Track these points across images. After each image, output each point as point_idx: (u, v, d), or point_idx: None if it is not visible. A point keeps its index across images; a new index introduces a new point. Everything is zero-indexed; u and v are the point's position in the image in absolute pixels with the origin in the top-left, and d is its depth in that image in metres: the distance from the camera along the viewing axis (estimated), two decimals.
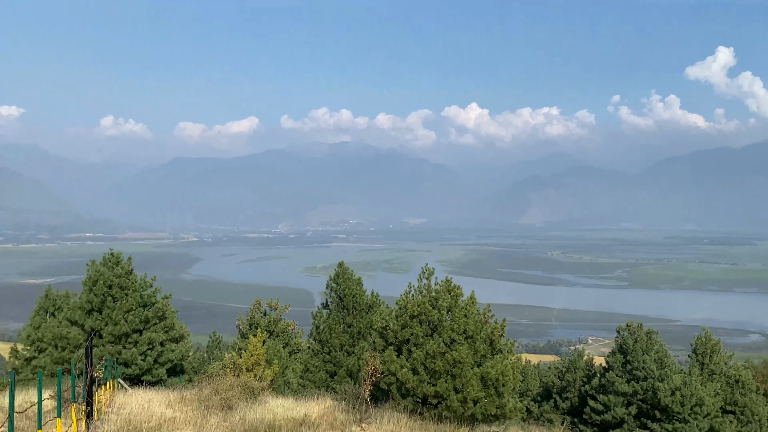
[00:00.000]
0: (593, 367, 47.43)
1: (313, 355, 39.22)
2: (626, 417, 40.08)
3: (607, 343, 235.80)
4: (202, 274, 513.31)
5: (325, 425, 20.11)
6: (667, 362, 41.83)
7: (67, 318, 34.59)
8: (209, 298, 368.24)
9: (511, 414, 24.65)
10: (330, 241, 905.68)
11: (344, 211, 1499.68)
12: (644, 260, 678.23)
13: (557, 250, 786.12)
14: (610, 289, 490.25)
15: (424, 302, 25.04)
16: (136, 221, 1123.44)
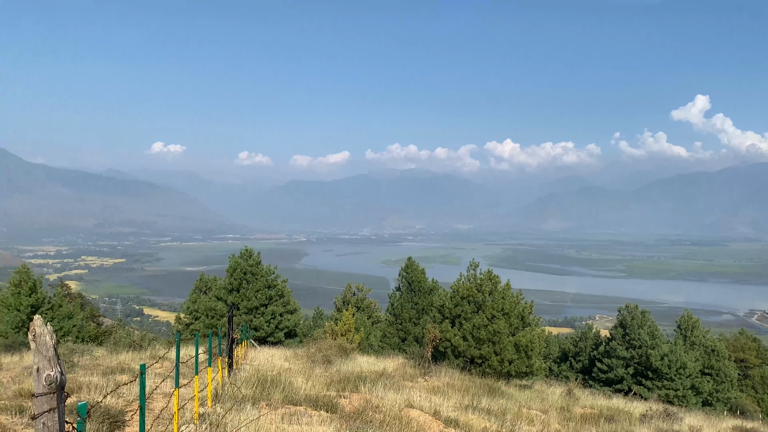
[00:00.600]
0: (600, 338, 46.13)
1: (389, 325, 39.21)
2: (625, 376, 38.84)
3: (610, 319, 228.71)
4: (309, 264, 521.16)
5: (399, 376, 20.06)
6: (657, 335, 40.39)
7: (215, 295, 35.50)
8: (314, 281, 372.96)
9: (537, 372, 24.24)
10: (400, 241, 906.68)
11: (411, 219, 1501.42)
12: (638, 257, 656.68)
13: (571, 249, 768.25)
14: (612, 279, 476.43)
15: (472, 287, 24.82)
16: (263, 226, 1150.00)
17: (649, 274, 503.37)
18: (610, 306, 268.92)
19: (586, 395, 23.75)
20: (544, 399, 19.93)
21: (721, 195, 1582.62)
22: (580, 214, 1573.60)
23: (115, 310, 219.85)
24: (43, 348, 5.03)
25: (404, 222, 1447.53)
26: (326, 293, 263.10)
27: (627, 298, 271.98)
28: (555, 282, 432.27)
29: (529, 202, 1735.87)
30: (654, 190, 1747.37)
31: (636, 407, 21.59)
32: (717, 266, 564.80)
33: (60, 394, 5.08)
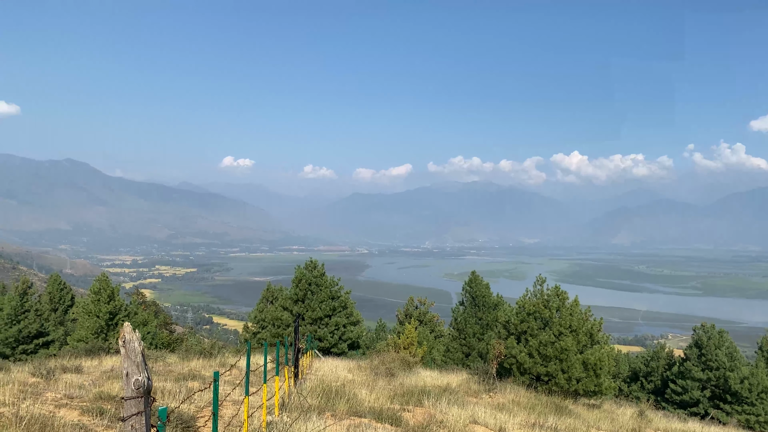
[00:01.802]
0: (673, 358, 44.15)
1: (452, 339, 38.88)
2: (701, 398, 36.96)
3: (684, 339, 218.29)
4: (371, 276, 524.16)
5: (463, 392, 19.84)
6: (736, 356, 38.26)
7: (281, 305, 36.23)
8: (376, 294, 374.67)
9: (606, 391, 23.44)
10: (463, 255, 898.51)
11: (475, 232, 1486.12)
12: (714, 274, 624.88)
13: (642, 265, 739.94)
14: (685, 296, 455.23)
15: (539, 303, 24.34)
16: (326, 238, 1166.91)
17: (726, 292, 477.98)
18: (684, 325, 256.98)
19: (659, 417, 22.76)
20: (613, 419, 19.24)
21: None
22: (651, 229, 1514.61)
23: (186, 318, 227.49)
24: (132, 354, 5.33)
25: (467, 235, 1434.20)
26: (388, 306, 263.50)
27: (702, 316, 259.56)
28: (625, 299, 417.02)
29: (597, 216, 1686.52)
30: (731, 204, 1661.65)
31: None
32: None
33: (147, 399, 5.36)
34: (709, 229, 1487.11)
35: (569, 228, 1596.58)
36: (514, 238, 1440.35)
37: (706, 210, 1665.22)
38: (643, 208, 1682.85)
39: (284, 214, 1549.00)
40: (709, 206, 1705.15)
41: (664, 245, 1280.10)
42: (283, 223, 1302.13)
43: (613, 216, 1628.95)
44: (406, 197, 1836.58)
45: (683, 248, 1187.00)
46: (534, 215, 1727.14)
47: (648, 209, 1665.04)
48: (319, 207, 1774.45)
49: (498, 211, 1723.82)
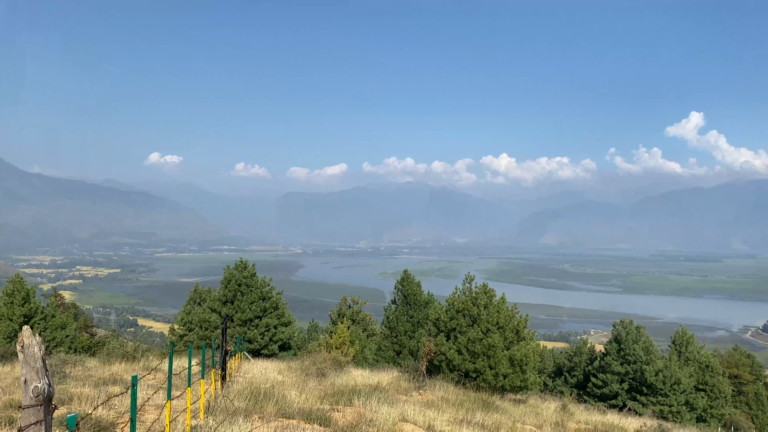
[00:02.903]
0: (594, 353, 46.02)
1: (384, 338, 39.07)
2: (620, 391, 38.69)
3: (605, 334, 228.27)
4: (305, 276, 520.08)
5: (393, 390, 19.95)
6: (652, 350, 40.31)
7: (209, 307, 35.34)
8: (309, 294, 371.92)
9: (531, 386, 24.13)
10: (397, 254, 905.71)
11: (408, 232, 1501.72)
12: (634, 272, 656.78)
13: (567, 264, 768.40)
14: (607, 294, 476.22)
15: (467, 300, 24.77)
16: (259, 237, 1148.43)
17: (644, 290, 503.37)
18: (606, 321, 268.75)
19: (580, 410, 23.64)
20: (538, 414, 19.83)
21: (717, 211, 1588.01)
22: (575, 229, 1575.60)
23: (109, 320, 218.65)
24: (31, 359, 4.99)
25: (402, 235, 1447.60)
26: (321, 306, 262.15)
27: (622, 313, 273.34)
28: (551, 296, 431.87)
29: (525, 217, 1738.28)
30: (649, 206, 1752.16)
31: (630, 423, 21.49)
32: (712, 282, 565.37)
33: (48, 407, 5.03)
34: (630, 229, 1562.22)
35: (499, 228, 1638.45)
36: (446, 237, 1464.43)
37: (626, 211, 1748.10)
38: (568, 209, 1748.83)
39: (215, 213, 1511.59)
40: (629, 208, 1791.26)
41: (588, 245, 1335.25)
42: (214, 223, 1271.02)
43: (540, 217, 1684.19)
44: (342, 197, 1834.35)
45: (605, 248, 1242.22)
46: (465, 216, 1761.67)
47: (573, 210, 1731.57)
48: (251, 206, 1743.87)
49: (431, 212, 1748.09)
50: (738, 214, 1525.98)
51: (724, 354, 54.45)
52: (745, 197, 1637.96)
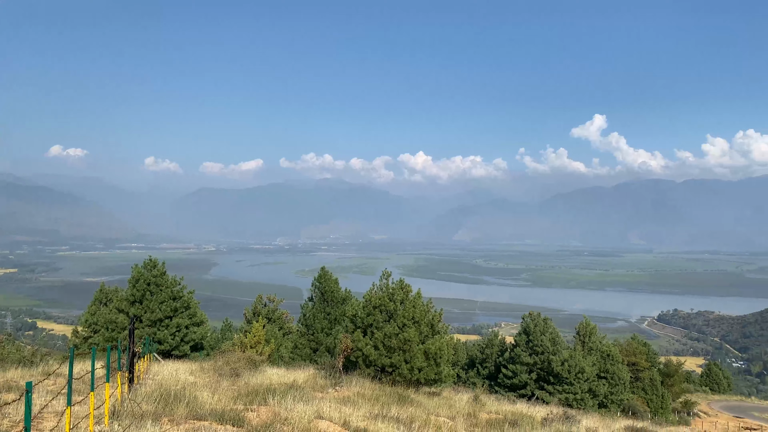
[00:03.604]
0: (505, 344, 47.68)
1: (300, 336, 38.76)
2: (529, 381, 40.29)
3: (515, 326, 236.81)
4: (219, 275, 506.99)
5: (309, 387, 19.83)
6: (558, 341, 42.24)
7: (116, 307, 33.77)
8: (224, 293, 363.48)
9: (445, 379, 24.67)
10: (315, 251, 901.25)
11: (327, 229, 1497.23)
12: (542, 267, 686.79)
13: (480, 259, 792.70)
14: (518, 287, 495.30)
15: (384, 296, 24.99)
16: (170, 235, 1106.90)
17: (551, 283, 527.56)
18: (516, 313, 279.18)
19: (491, 401, 24.44)
20: (451, 406, 20.33)
21: (617, 209, 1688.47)
22: (488, 226, 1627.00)
23: (5, 323, 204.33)
24: None
25: (320, 232, 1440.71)
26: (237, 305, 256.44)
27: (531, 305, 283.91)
28: (465, 290, 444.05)
29: (441, 214, 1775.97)
30: (556, 204, 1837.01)
31: (538, 411, 22.45)
32: (613, 276, 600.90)
33: None
34: (538, 226, 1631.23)
35: (416, 225, 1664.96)
36: (364, 234, 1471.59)
37: (535, 209, 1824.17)
38: (481, 206, 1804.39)
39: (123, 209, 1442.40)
40: (537, 205, 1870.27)
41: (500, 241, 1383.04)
42: (122, 220, 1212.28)
43: (454, 214, 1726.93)
44: (258, 193, 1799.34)
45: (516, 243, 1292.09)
46: (383, 213, 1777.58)
47: (485, 208, 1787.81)
48: (162, 202, 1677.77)
49: (349, 209, 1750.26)
50: (636, 211, 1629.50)
51: (624, 343, 58.03)
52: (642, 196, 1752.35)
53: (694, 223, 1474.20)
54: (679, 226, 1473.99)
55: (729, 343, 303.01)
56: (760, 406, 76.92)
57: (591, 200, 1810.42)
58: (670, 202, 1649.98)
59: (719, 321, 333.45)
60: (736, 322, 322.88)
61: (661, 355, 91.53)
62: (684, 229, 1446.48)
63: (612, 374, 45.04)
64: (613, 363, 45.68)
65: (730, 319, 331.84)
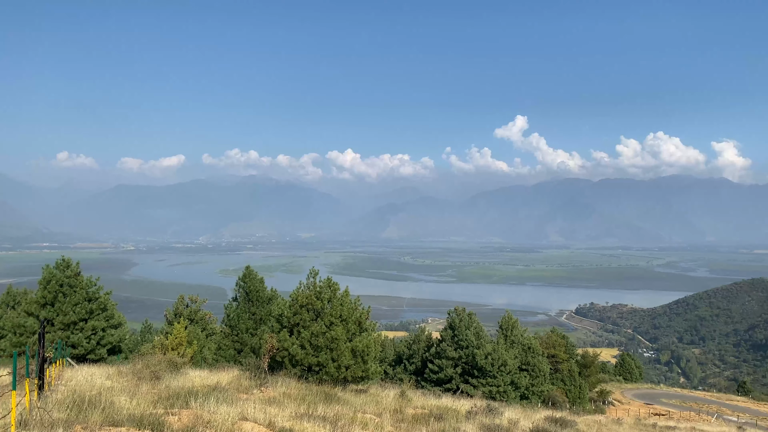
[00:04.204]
0: (431, 340, 48.41)
1: (224, 336, 37.93)
2: (454, 375, 41.11)
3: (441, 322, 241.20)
4: (138, 275, 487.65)
5: (233, 389, 19.44)
6: (482, 335, 43.35)
7: (25, 310, 31.86)
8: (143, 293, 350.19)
9: (372, 376, 24.82)
10: (240, 250, 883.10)
11: (252, 227, 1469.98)
12: (467, 263, 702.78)
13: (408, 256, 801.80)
14: (444, 283, 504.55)
15: (311, 295, 24.83)
16: (85, 234, 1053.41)
17: (475, 279, 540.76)
18: (442, 309, 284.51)
19: (418, 396, 24.78)
20: (378, 402, 20.45)
21: (537, 206, 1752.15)
22: (416, 223, 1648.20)
23: None
24: None
25: (245, 230, 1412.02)
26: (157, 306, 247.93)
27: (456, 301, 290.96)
28: (392, 287, 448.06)
29: (369, 211, 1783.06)
30: (480, 201, 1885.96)
31: (463, 405, 22.95)
32: (533, 271, 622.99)
33: None
34: (463, 223, 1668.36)
35: (344, 223, 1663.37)
36: (291, 232, 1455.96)
37: (460, 206, 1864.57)
38: (409, 204, 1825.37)
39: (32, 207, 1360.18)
40: (463, 203, 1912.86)
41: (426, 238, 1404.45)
42: (31, 218, 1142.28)
43: (383, 211, 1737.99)
44: (179, 190, 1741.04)
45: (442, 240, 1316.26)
46: (311, 210, 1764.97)
47: (413, 205, 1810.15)
48: (76, 200, 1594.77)
49: (276, 206, 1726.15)
50: (554, 209, 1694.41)
51: (544, 336, 60.24)
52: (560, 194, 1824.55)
53: (608, 220, 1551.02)
54: (595, 222, 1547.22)
55: (640, 334, 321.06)
56: (668, 393, 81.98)
57: (513, 198, 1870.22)
58: (586, 200, 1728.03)
59: (632, 313, 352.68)
60: (647, 315, 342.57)
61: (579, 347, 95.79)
62: (599, 225, 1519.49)
63: (533, 366, 46.67)
64: (534, 355, 47.33)
65: (642, 311, 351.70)
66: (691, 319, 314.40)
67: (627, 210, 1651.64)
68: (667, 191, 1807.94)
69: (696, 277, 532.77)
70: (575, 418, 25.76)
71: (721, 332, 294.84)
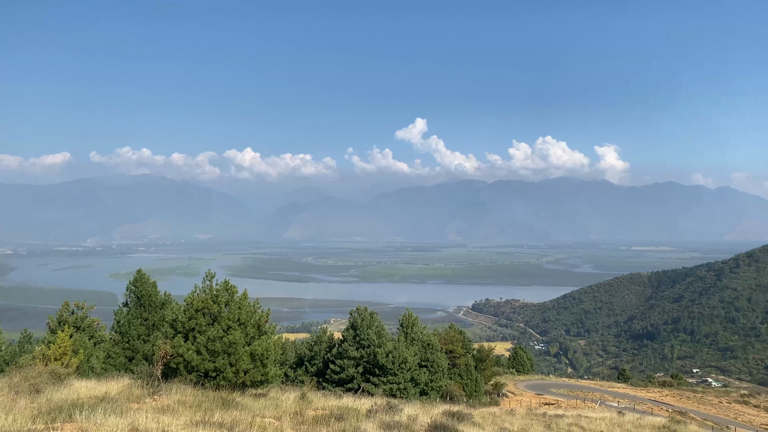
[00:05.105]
0: (333, 340, 48.44)
1: (114, 344, 35.96)
2: (356, 374, 41.38)
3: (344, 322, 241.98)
4: (17, 281, 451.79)
5: (124, 399, 18.46)
6: (384, 334, 43.93)
7: None
8: (23, 301, 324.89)
9: (272, 379, 24.53)
10: (132, 253, 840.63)
11: (145, 229, 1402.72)
12: (370, 262, 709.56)
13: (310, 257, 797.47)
14: (347, 283, 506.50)
15: (207, 298, 24.13)
16: None
17: (378, 278, 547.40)
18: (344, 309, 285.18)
19: (319, 397, 24.69)
20: (278, 405, 20.19)
21: (437, 206, 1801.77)
22: (317, 223, 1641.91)
23: None
24: None
25: (137, 232, 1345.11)
26: (39, 314, 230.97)
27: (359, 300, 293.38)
28: (294, 289, 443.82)
29: (270, 212, 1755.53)
30: (383, 202, 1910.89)
31: (363, 404, 23.12)
32: (433, 269, 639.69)
33: None
34: (365, 223, 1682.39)
35: (243, 223, 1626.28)
36: (188, 234, 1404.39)
37: (363, 206, 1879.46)
38: (311, 204, 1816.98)
39: None
40: (365, 203, 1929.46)
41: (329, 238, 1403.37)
42: None
43: (284, 212, 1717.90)
44: (64, 190, 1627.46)
45: (345, 240, 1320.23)
46: (209, 211, 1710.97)
47: (315, 205, 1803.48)
48: None
49: (171, 207, 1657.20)
50: (453, 209, 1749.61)
51: (442, 332, 61.92)
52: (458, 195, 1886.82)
53: (502, 220, 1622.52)
54: (489, 222, 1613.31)
55: (532, 327, 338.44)
56: (557, 383, 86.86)
57: (413, 198, 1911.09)
58: (482, 200, 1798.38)
59: (524, 308, 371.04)
60: (538, 309, 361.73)
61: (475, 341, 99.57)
62: (493, 225, 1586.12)
63: (432, 362, 47.85)
64: (433, 352, 48.53)
65: (533, 306, 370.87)
66: (577, 312, 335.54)
67: (519, 210, 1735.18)
68: (556, 192, 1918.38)
69: (581, 273, 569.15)
70: (471, 411, 26.69)
71: (604, 324, 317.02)
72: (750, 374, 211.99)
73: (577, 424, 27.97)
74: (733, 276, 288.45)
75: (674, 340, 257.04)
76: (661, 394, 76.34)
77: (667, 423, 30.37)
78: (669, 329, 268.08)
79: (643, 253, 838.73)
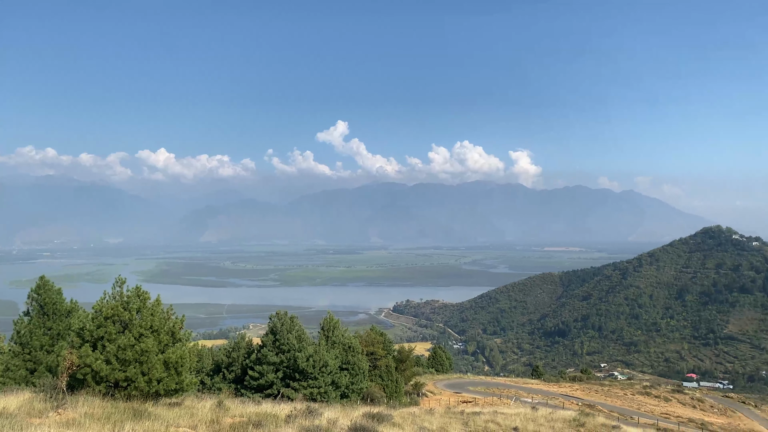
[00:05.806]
0: (252, 346, 47.55)
1: (14, 356, 33.64)
2: (275, 380, 40.85)
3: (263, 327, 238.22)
4: None
5: (24, 413, 17.33)
6: (304, 338, 43.59)
7: None
8: None
9: (187, 387, 23.84)
10: (36, 258, 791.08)
11: (50, 233, 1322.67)
12: (290, 266, 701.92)
13: (228, 261, 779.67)
14: (266, 288, 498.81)
15: (117, 305, 23.10)
16: None
17: (299, 281, 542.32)
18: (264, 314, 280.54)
19: (236, 405, 24.17)
20: (193, 414, 19.62)
21: (358, 209, 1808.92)
22: (236, 227, 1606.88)
23: None
24: None
25: (41, 236, 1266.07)
26: None
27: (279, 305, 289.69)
28: (211, 294, 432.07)
29: (185, 214, 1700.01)
30: (303, 204, 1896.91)
31: (283, 409, 22.86)
32: (355, 272, 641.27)
33: None
34: (286, 226, 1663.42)
35: (157, 227, 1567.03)
36: (96, 238, 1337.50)
37: (283, 209, 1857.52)
38: (229, 206, 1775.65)
39: None
40: (286, 206, 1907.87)
41: (248, 242, 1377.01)
42: None
43: (201, 214, 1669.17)
44: None
45: (264, 244, 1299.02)
46: (119, 213, 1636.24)
47: (233, 208, 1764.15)
48: None
49: (78, 209, 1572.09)
50: (374, 211, 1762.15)
51: (363, 334, 62.15)
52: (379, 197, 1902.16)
53: (422, 222, 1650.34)
54: (410, 224, 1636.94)
55: (450, 327, 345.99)
56: (474, 381, 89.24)
57: (335, 201, 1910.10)
58: (402, 203, 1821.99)
59: (443, 308, 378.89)
60: (456, 309, 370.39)
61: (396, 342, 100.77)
62: (414, 227, 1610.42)
63: (353, 365, 47.90)
64: (354, 354, 48.59)
65: (452, 306, 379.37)
66: (494, 311, 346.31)
67: (439, 212, 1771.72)
68: (473, 195, 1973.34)
69: (497, 273, 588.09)
70: (391, 411, 26.95)
71: (519, 322, 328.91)
72: (652, 366, 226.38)
73: (493, 420, 28.85)
74: (637, 275, 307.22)
75: (584, 336, 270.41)
76: (572, 388, 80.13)
77: (577, 416, 31.88)
78: (579, 326, 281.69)
79: (555, 254, 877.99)
